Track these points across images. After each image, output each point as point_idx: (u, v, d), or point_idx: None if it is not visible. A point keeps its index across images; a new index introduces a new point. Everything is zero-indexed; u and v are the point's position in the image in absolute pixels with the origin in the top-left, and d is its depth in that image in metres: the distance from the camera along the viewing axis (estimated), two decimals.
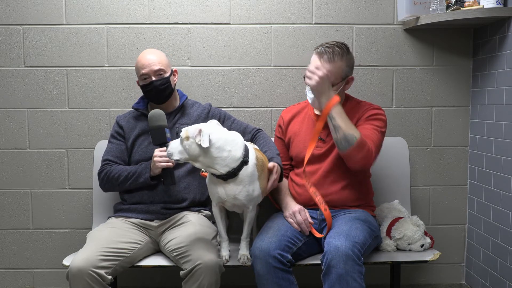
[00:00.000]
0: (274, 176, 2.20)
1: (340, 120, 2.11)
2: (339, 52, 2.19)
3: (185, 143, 2.01)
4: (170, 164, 2.21)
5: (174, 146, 2.03)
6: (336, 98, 2.13)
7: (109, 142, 2.45)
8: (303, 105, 2.47)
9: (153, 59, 2.34)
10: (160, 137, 2.23)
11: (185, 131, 2.02)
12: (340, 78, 2.22)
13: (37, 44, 2.71)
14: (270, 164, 2.20)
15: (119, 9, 2.70)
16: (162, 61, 2.36)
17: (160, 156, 2.21)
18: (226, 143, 2.04)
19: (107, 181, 2.35)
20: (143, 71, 2.33)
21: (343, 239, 2.01)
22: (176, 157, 2.03)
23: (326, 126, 2.34)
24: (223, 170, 2.05)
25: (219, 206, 2.22)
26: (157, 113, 2.24)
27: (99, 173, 2.38)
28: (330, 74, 2.15)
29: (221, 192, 2.11)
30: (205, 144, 1.98)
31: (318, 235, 2.21)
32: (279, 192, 2.37)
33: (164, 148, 2.21)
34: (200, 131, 2.00)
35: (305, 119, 2.41)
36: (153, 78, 2.34)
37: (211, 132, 2.00)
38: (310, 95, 2.27)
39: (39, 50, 2.71)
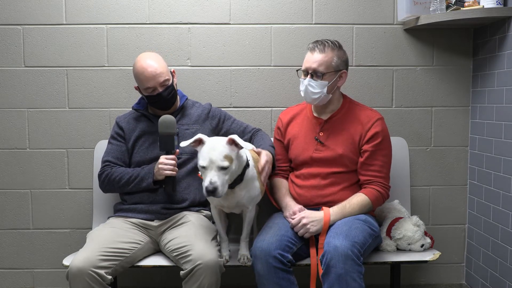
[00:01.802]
0: (265, 157, 2.18)
1: (347, 214, 2.21)
2: (329, 45, 2.26)
3: (232, 166, 1.97)
4: (174, 172, 2.21)
5: (220, 182, 1.92)
6: (326, 216, 2.17)
7: (109, 143, 2.44)
8: (302, 107, 2.47)
9: (155, 68, 2.28)
10: (169, 144, 2.22)
11: (226, 158, 1.93)
12: (332, 69, 2.25)
13: (37, 44, 2.71)
14: (257, 149, 2.21)
15: (119, 9, 2.70)
16: (163, 68, 2.32)
17: (166, 164, 2.20)
18: None
19: (108, 183, 2.34)
20: (149, 85, 2.29)
21: (342, 239, 2.02)
22: (225, 188, 1.97)
23: (325, 128, 2.35)
24: (233, 178, 2.05)
25: (218, 208, 2.23)
26: (168, 120, 2.21)
27: (99, 175, 2.38)
28: (322, 63, 2.22)
29: (224, 201, 2.12)
30: (250, 146, 2.04)
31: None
32: (279, 192, 2.37)
33: (172, 157, 2.22)
34: (232, 140, 1.98)
35: (304, 121, 2.42)
36: (160, 90, 2.31)
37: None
38: (301, 88, 2.30)
39: (39, 50, 2.71)
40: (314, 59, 2.25)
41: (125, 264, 2.14)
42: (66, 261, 2.24)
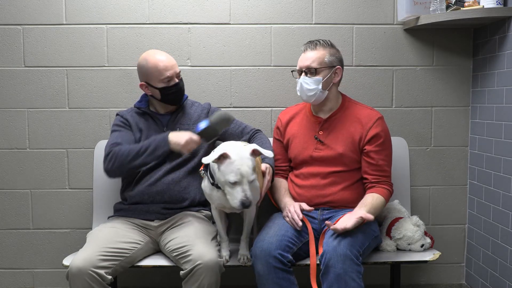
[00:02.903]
0: (268, 177, 2.22)
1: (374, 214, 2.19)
2: (321, 43, 2.30)
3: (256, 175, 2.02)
4: (188, 153, 2.22)
5: (251, 194, 1.99)
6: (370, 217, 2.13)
7: (114, 131, 2.36)
8: (301, 107, 2.48)
9: (170, 58, 2.33)
10: (209, 135, 2.22)
11: (253, 170, 1.99)
12: (325, 64, 2.27)
13: (37, 44, 2.71)
14: (263, 167, 2.22)
15: (119, 9, 2.70)
16: (175, 61, 2.36)
17: (194, 142, 2.18)
18: None
19: (115, 160, 2.21)
20: (168, 74, 2.29)
21: (341, 239, 2.02)
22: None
23: (325, 127, 2.35)
24: None
25: (218, 209, 2.23)
26: (229, 119, 2.21)
27: (105, 156, 2.24)
28: (314, 59, 2.26)
29: (227, 202, 2.12)
30: (271, 154, 2.08)
31: (305, 219, 2.21)
32: (279, 192, 2.37)
33: (197, 140, 2.19)
34: (255, 151, 2.02)
35: (304, 120, 2.42)
36: (176, 80, 2.33)
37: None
38: (297, 87, 2.32)
39: (39, 50, 2.71)
40: (306, 57, 2.29)
41: (125, 264, 2.14)
42: (66, 261, 2.24)
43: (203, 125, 2.18)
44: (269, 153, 2.08)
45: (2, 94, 2.73)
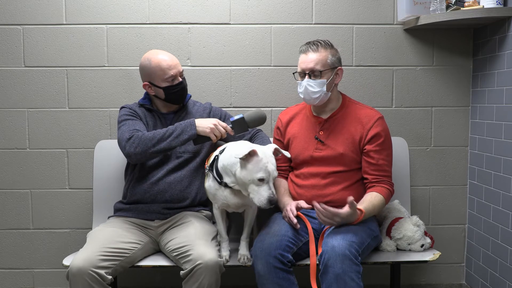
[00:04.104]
0: None
1: (371, 214, 2.20)
2: (322, 44, 2.28)
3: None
4: (215, 139, 2.24)
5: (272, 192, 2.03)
6: (361, 216, 2.12)
7: (127, 120, 2.32)
8: (301, 107, 2.48)
9: (173, 57, 2.34)
10: (240, 129, 2.28)
11: (274, 170, 2.03)
12: (328, 66, 2.27)
13: (37, 44, 2.71)
14: None
15: (119, 9, 2.70)
16: (178, 61, 2.37)
17: (222, 127, 2.24)
18: None
19: (139, 143, 2.18)
20: (172, 72, 2.30)
21: (340, 239, 2.02)
22: None
23: (325, 128, 2.35)
24: None
25: (221, 209, 2.23)
26: (263, 119, 2.29)
27: (127, 139, 2.21)
28: (317, 62, 2.25)
29: (233, 200, 2.12)
30: (288, 154, 2.17)
31: (305, 219, 2.21)
32: (278, 192, 2.37)
33: (224, 125, 2.24)
34: (277, 149, 2.09)
35: (304, 120, 2.42)
36: (180, 79, 2.34)
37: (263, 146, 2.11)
38: (300, 89, 2.31)
39: (39, 50, 2.71)
40: (309, 59, 2.26)
41: (125, 264, 2.14)
42: (66, 261, 2.24)
43: (237, 116, 2.26)
44: (286, 153, 2.15)
45: (2, 94, 2.73)
